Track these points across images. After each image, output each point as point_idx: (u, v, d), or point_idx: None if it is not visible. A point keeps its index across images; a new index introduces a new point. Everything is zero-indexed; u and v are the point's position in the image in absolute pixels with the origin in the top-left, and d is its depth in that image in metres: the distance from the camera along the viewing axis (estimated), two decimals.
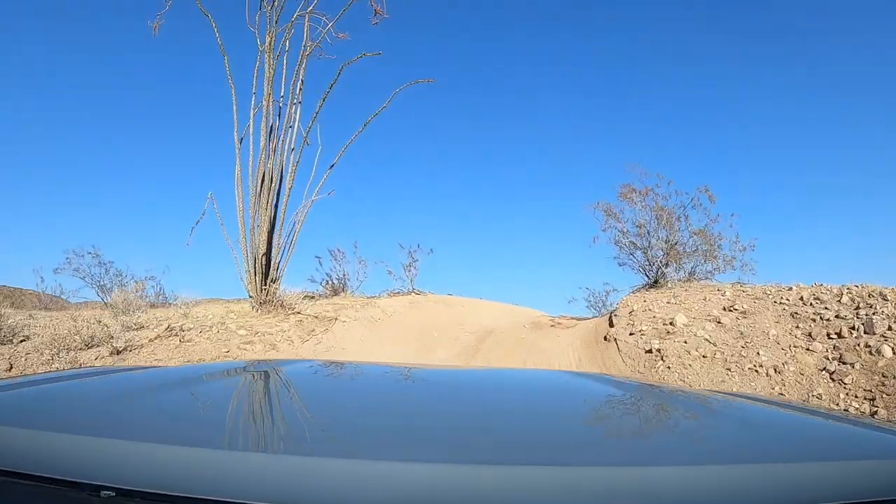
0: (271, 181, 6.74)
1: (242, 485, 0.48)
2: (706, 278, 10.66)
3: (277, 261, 6.90)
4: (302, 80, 7.47)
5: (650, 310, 7.92)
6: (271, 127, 6.79)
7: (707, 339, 6.64)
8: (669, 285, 10.04)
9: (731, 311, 7.62)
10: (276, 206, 7.09)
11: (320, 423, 0.76)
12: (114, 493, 0.49)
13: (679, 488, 0.51)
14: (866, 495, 0.53)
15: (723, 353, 6.38)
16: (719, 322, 7.19)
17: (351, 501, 0.47)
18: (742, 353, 6.36)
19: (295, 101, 7.50)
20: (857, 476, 0.56)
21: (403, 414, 0.86)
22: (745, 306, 7.73)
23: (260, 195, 6.75)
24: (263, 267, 6.73)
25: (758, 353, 6.31)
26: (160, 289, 15.78)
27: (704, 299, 8.23)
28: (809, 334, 6.82)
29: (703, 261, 10.29)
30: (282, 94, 7.51)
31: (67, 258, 15.38)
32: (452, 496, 0.48)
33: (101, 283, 15.68)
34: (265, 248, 6.71)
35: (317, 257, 11.61)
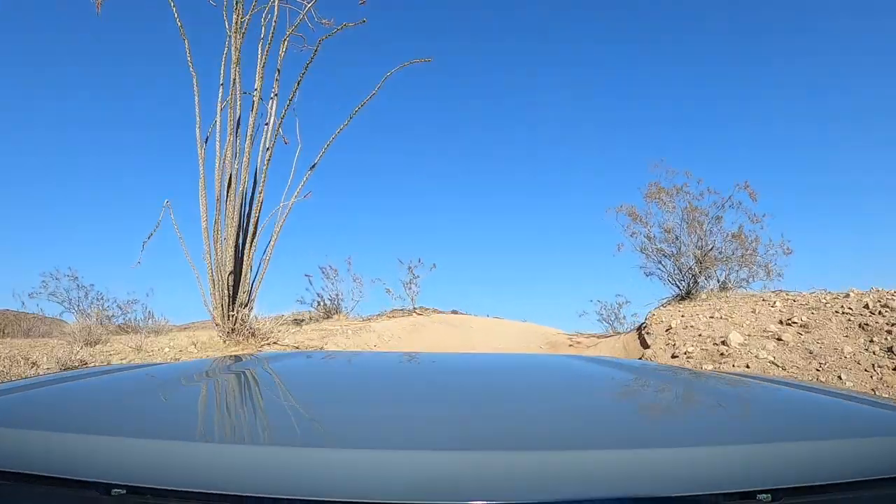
0: (240, 185, 5.63)
1: (251, 478, 0.48)
2: (740, 286, 9.48)
3: (249, 280, 5.75)
4: (278, 70, 6.42)
5: (692, 326, 6.73)
6: (238, 121, 5.72)
7: (773, 362, 5.45)
8: (703, 296, 8.86)
9: (789, 324, 6.44)
10: (248, 215, 5.97)
11: (329, 413, 0.75)
12: (124, 491, 0.49)
13: (690, 468, 0.51)
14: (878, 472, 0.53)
15: (796, 378, 5.19)
16: (780, 339, 6.01)
17: (363, 491, 0.47)
18: (819, 377, 5.18)
19: (270, 93, 6.43)
20: (869, 453, 0.56)
21: (416, 402, 0.85)
22: (803, 318, 6.55)
23: (226, 202, 5.63)
24: (230, 288, 5.58)
25: (839, 377, 5.12)
26: (150, 312, 14.61)
27: (753, 312, 7.04)
28: (890, 349, 5.63)
29: (737, 267, 9.12)
30: (255, 86, 6.45)
31: (43, 281, 14.23)
32: (471, 484, 0.48)
33: (80, 307, 14.50)
34: (232, 265, 5.56)
35: (306, 276, 10.50)
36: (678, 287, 9.13)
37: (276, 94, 6.42)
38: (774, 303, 7.35)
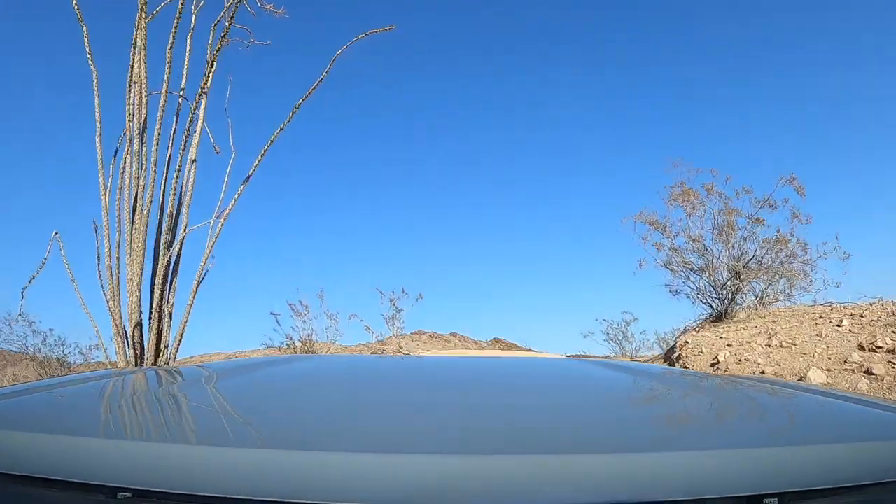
0: (146, 207, 4.25)
1: (258, 482, 0.48)
2: (779, 300, 8.08)
3: (167, 334, 4.33)
4: (209, 63, 5.14)
5: (747, 360, 5.29)
6: (144, 123, 4.37)
7: None
8: (742, 315, 7.45)
9: (873, 350, 5.03)
10: (169, 245, 4.57)
11: (335, 417, 0.75)
12: (130, 495, 0.49)
13: (696, 472, 0.51)
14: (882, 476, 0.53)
15: None
16: (870, 373, 4.60)
17: (368, 495, 0.46)
18: None
19: (198, 91, 5.15)
20: (875, 456, 0.56)
21: (426, 406, 0.85)
22: (888, 341, 5.13)
23: (129, 231, 4.25)
24: (137, 345, 4.16)
25: None
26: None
27: (819, 335, 5.61)
28: None
29: (777, 278, 7.71)
30: (182, 86, 5.14)
31: None
32: (482, 487, 0.47)
33: (38, 354, 13.20)
34: (138, 312, 4.14)
35: (272, 314, 9.07)
36: (711, 306, 7.71)
37: (204, 92, 5.10)
38: (840, 321, 5.93)
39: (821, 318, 6.49)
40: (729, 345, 5.82)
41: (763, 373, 4.89)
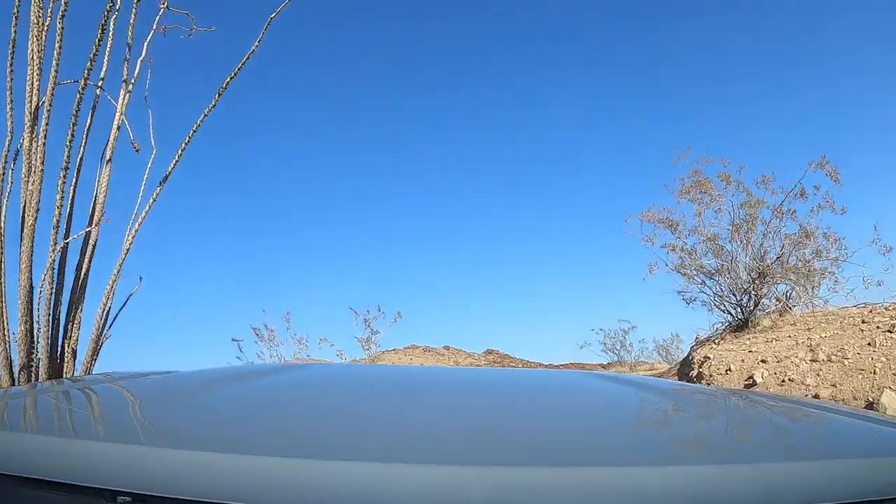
0: (31, 218, 3.36)
1: (260, 489, 0.47)
2: (805, 303, 7.21)
3: (64, 373, 3.43)
4: (129, 47, 4.29)
5: (791, 379, 4.39)
6: (35, 114, 3.50)
7: None
8: (767, 322, 6.57)
9: None
10: (79, 268, 3.67)
11: (341, 425, 0.74)
12: (130, 499, 0.49)
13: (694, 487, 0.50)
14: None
15: None
16: None
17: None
18: None
19: (120, 79, 4.30)
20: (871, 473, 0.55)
21: (430, 416, 0.84)
22: None
23: (20, 247, 3.36)
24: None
25: None
26: None
27: (870, 345, 4.73)
28: None
29: (805, 278, 6.85)
30: (102, 75, 4.26)
31: None
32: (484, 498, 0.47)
33: None
34: (25, 350, 3.24)
35: (234, 340, 8.16)
36: (731, 314, 6.82)
37: (125, 80, 4.26)
38: (892, 327, 5.06)
39: (863, 322, 5.61)
40: (763, 360, 4.93)
41: (817, 396, 3.99)
